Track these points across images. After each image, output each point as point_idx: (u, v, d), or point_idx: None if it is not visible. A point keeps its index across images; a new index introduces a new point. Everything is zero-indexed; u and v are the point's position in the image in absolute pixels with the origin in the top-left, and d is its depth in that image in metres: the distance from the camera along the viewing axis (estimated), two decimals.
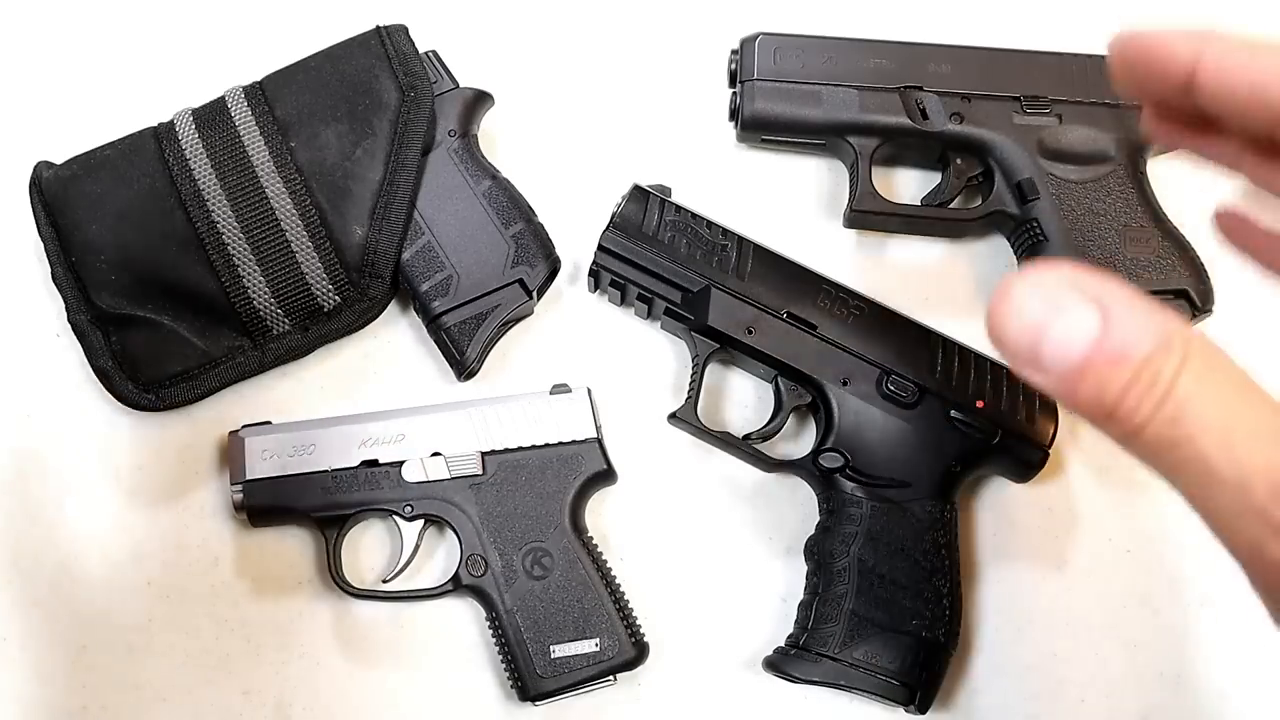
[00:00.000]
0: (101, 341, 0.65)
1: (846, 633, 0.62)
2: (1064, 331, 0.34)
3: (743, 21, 0.72)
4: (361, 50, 0.68)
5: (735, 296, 0.66)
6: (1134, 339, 0.33)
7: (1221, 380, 0.33)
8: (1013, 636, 0.66)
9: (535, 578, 0.64)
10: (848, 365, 0.65)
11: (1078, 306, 0.34)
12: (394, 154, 0.66)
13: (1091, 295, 0.34)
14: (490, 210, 0.67)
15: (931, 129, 0.70)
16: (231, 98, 0.67)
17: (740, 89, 0.71)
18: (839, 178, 0.73)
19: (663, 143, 0.74)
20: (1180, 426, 0.33)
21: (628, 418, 0.69)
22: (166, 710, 0.65)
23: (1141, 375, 0.33)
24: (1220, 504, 0.33)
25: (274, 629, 0.66)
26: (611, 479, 0.66)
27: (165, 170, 0.65)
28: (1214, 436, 0.33)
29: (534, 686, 0.62)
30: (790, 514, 0.68)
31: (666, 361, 0.70)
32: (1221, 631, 0.66)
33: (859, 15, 0.75)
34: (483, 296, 0.67)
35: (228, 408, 0.68)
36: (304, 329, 0.67)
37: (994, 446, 0.64)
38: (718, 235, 0.67)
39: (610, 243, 0.66)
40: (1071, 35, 0.75)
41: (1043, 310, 0.34)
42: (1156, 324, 0.33)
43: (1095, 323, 0.34)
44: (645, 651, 0.64)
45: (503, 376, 0.70)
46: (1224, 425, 0.33)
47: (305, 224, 0.65)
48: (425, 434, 0.65)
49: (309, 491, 0.64)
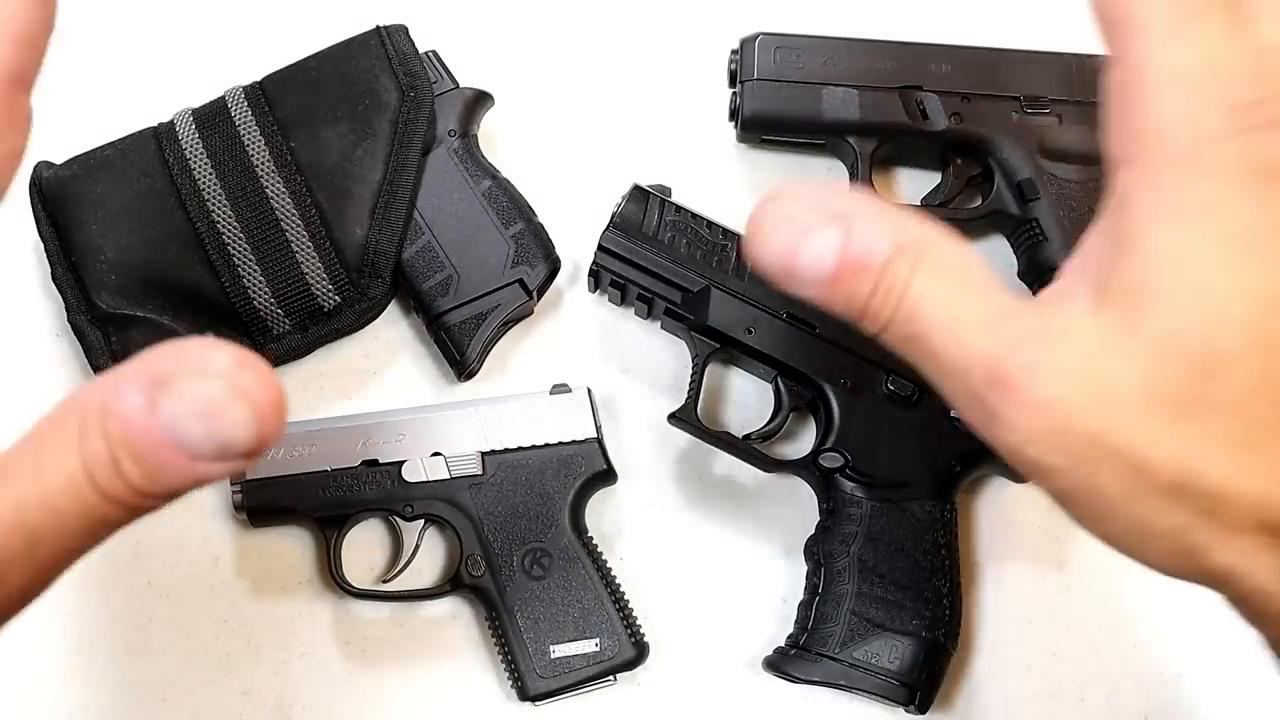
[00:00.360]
0: (101, 341, 0.65)
1: (846, 633, 0.62)
2: (813, 250, 0.37)
3: (743, 21, 0.72)
4: (361, 50, 0.68)
5: (735, 296, 0.66)
6: (873, 248, 0.37)
7: (950, 277, 0.37)
8: (1013, 636, 0.66)
9: (535, 578, 0.64)
10: (848, 365, 0.65)
11: (822, 226, 0.37)
12: (394, 154, 0.66)
13: (834, 212, 0.37)
14: (490, 210, 0.67)
15: (931, 129, 0.70)
16: (231, 98, 0.67)
17: (740, 89, 0.71)
18: (839, 178, 0.73)
19: (663, 143, 0.74)
20: (914, 324, 0.37)
21: (628, 418, 0.69)
22: (166, 710, 0.65)
23: (881, 280, 0.37)
24: (951, 390, 0.38)
25: (274, 629, 0.66)
26: (611, 479, 0.66)
27: (165, 170, 0.65)
28: (941, 330, 0.37)
29: (534, 686, 0.62)
30: (790, 514, 0.68)
31: (666, 361, 0.70)
32: (1223, 631, 0.66)
33: (859, 15, 0.75)
34: (483, 296, 0.67)
35: None
36: (304, 329, 0.67)
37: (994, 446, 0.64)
38: (718, 235, 0.67)
39: (610, 243, 0.66)
40: (1071, 35, 0.74)
41: (791, 233, 0.37)
42: (892, 231, 0.37)
43: (838, 238, 0.37)
44: (645, 651, 0.64)
45: (503, 376, 0.70)
46: (949, 319, 0.37)
47: (305, 224, 0.65)
48: (425, 434, 0.65)
49: (309, 491, 0.64)
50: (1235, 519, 0.36)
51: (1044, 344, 0.36)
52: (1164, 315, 0.36)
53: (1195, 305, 0.35)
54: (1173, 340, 0.36)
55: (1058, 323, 0.37)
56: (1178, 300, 0.35)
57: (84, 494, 0.34)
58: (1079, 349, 0.36)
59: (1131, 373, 0.36)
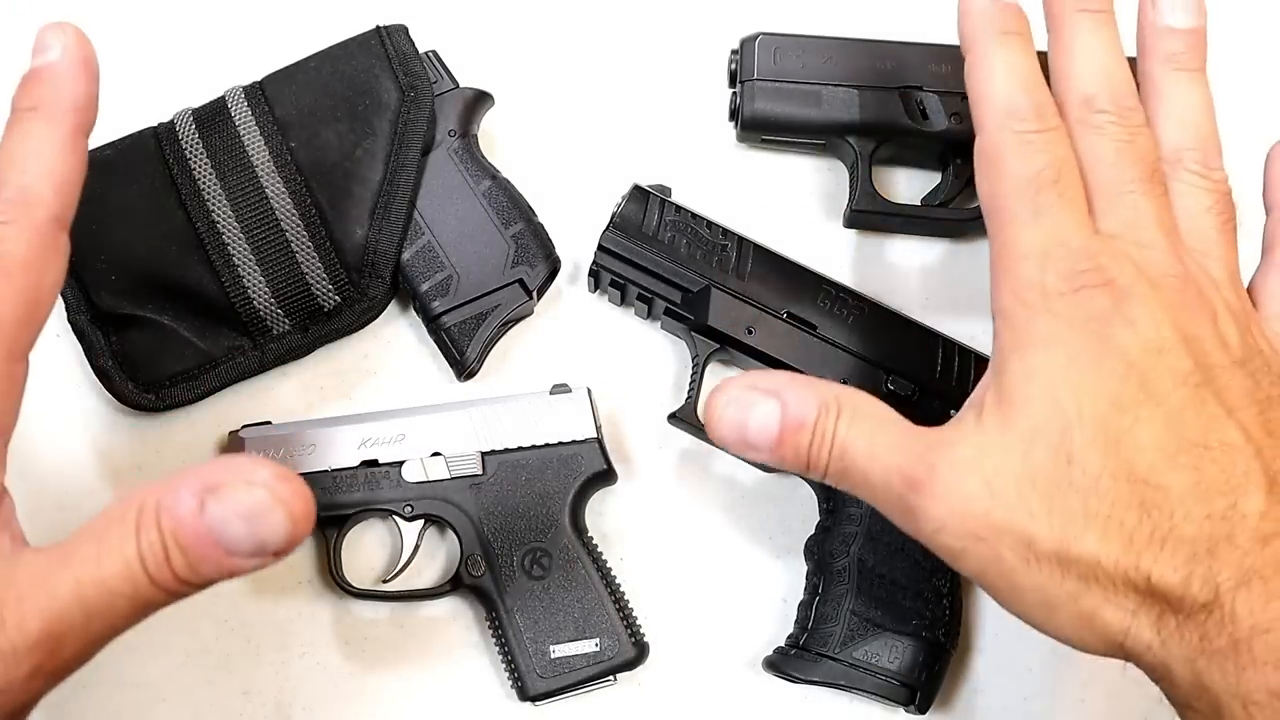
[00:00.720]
0: (101, 341, 0.65)
1: (846, 633, 0.62)
2: (759, 420, 0.48)
3: (743, 21, 0.72)
4: (361, 50, 0.68)
5: (735, 296, 0.66)
6: (804, 410, 0.47)
7: (866, 420, 0.48)
8: (1013, 636, 0.66)
9: (535, 578, 0.64)
10: (848, 365, 0.65)
11: (761, 400, 0.48)
12: (394, 154, 0.66)
13: (768, 389, 0.48)
14: (490, 210, 0.67)
15: (931, 129, 0.70)
16: (231, 98, 0.67)
17: (740, 89, 0.71)
18: (839, 178, 0.73)
19: (663, 143, 0.74)
20: (846, 460, 0.48)
21: (628, 418, 0.69)
22: (166, 710, 0.65)
23: (814, 433, 0.47)
24: (883, 505, 0.48)
25: (274, 629, 0.66)
26: (611, 479, 0.66)
27: (165, 170, 0.65)
28: (866, 459, 0.47)
29: (534, 686, 0.62)
30: (790, 514, 0.68)
31: (666, 361, 0.70)
32: None
33: (859, 15, 0.75)
34: (483, 296, 0.67)
35: (228, 408, 0.68)
36: (304, 329, 0.67)
37: None
38: (718, 235, 0.67)
39: (610, 243, 0.66)
40: None
41: (739, 410, 0.48)
42: (815, 396, 0.48)
43: (776, 407, 0.48)
44: (645, 651, 0.64)
45: (503, 376, 0.70)
46: (870, 450, 0.47)
47: (305, 224, 0.65)
48: (425, 434, 0.65)
49: None
50: (1110, 582, 0.44)
51: (942, 450, 0.46)
52: (1026, 417, 0.46)
53: (1049, 408, 0.46)
54: (1035, 436, 0.45)
55: (951, 434, 0.48)
56: (1034, 405, 0.46)
57: (136, 579, 0.40)
58: (967, 450, 0.46)
59: (1008, 463, 0.45)
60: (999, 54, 0.52)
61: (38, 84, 0.47)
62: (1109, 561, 0.44)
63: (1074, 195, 0.50)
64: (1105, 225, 0.50)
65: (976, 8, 0.54)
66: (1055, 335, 0.47)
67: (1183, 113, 0.53)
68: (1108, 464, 0.45)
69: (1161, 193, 0.51)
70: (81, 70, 0.48)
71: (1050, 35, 0.55)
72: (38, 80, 0.47)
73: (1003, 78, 0.52)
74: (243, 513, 0.39)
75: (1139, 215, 0.50)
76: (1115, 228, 0.50)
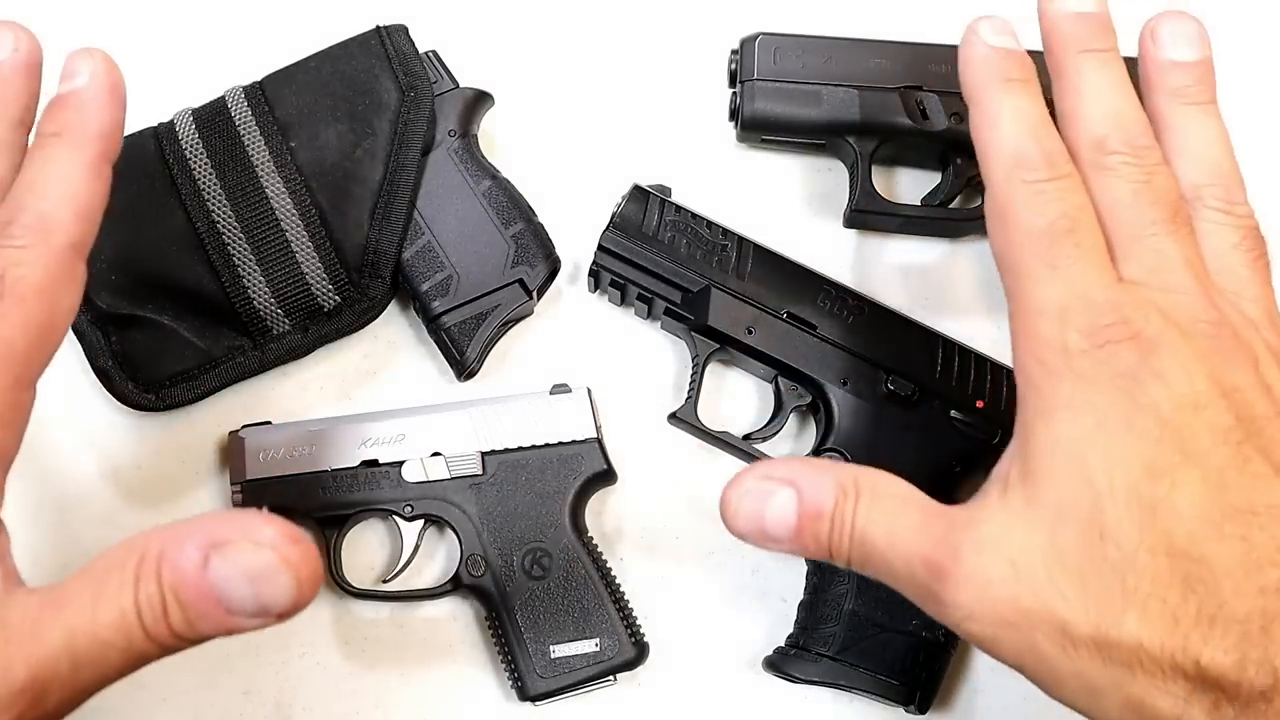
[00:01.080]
0: (101, 341, 0.65)
1: (846, 633, 0.62)
2: (775, 512, 0.45)
3: (743, 21, 0.72)
4: (361, 50, 0.68)
5: (735, 296, 0.66)
6: (821, 497, 0.45)
7: (885, 503, 0.45)
8: None
9: (535, 578, 0.64)
10: (848, 365, 0.65)
11: (776, 490, 0.45)
12: (394, 154, 0.66)
13: (782, 478, 0.45)
14: (490, 210, 0.67)
15: (931, 129, 0.70)
16: (231, 98, 0.67)
17: (740, 89, 0.71)
18: (839, 178, 0.73)
19: (663, 143, 0.74)
20: (867, 546, 0.45)
21: (628, 418, 0.69)
22: (166, 710, 0.65)
23: (833, 520, 0.44)
24: (909, 591, 0.45)
25: (274, 629, 0.66)
26: (611, 479, 0.66)
27: (165, 170, 0.65)
28: (887, 544, 0.44)
29: (534, 686, 0.62)
30: None
31: (666, 361, 0.70)
32: None
33: (859, 15, 0.75)
34: (483, 296, 0.67)
35: (228, 408, 0.68)
36: (304, 329, 0.67)
37: (994, 446, 0.64)
38: (718, 235, 0.67)
39: (610, 243, 0.66)
40: None
41: (753, 503, 0.45)
42: (832, 481, 0.45)
43: (792, 496, 0.45)
44: (645, 651, 0.64)
45: (503, 376, 0.70)
46: (890, 534, 0.44)
47: (305, 224, 0.65)
48: (425, 434, 0.65)
49: (309, 491, 0.64)
50: (1156, 667, 0.40)
51: (965, 531, 0.43)
52: (1053, 490, 0.43)
53: (1077, 479, 0.42)
54: (1063, 510, 0.42)
55: (974, 513, 0.44)
56: (1061, 477, 0.43)
57: (131, 630, 0.38)
58: (991, 529, 0.43)
59: (1035, 541, 0.42)
60: (1005, 101, 0.50)
61: (64, 109, 0.46)
62: (1153, 645, 0.40)
63: (1092, 244, 0.46)
64: (1128, 272, 0.46)
65: (978, 55, 0.51)
66: (1081, 398, 0.43)
67: (1198, 148, 0.50)
68: (1144, 537, 0.41)
69: (1187, 233, 0.47)
70: (109, 97, 0.46)
71: (1055, 79, 0.52)
72: (64, 105, 0.46)
73: (1009, 126, 0.49)
74: (248, 573, 0.38)
75: (1163, 258, 0.46)
76: (1139, 274, 0.46)
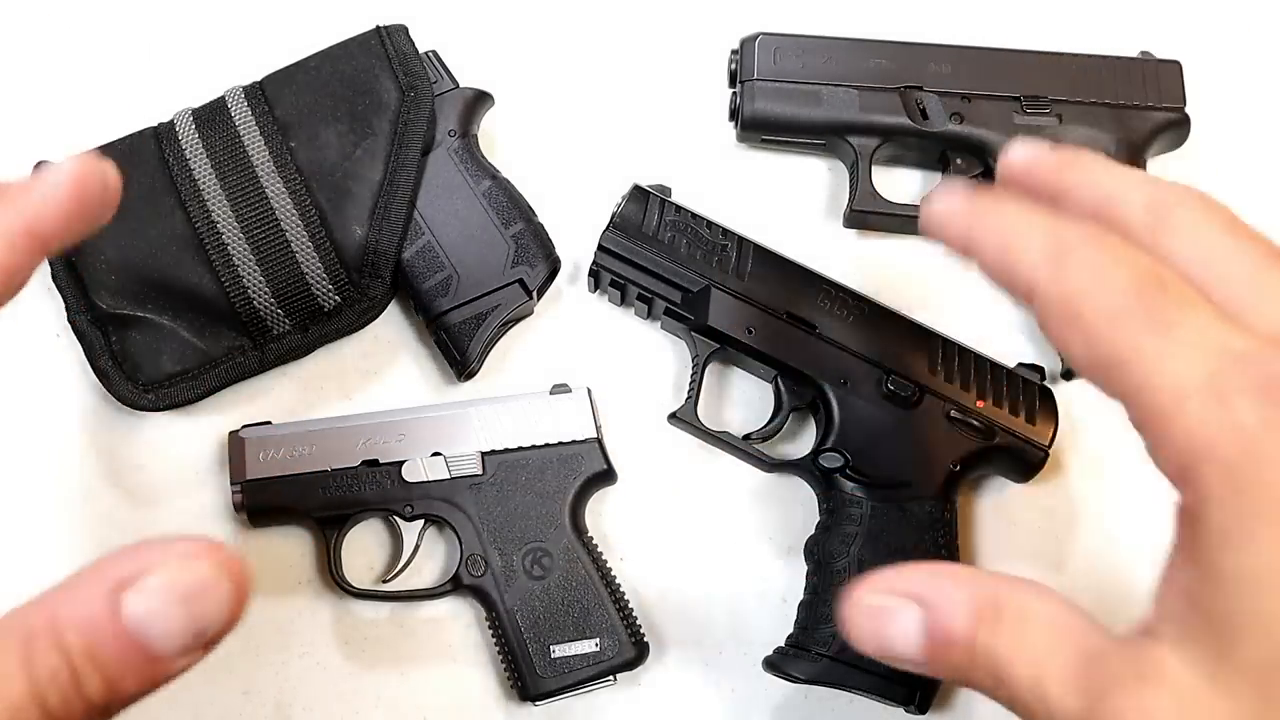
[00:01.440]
0: (101, 341, 0.65)
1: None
2: (899, 633, 0.37)
3: (743, 21, 0.72)
4: (361, 50, 0.68)
5: (735, 296, 0.66)
6: (954, 619, 0.36)
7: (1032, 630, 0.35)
8: None
9: (535, 578, 0.64)
10: (848, 365, 0.65)
11: (901, 608, 0.37)
12: (394, 154, 0.66)
13: (908, 591, 0.37)
14: (490, 210, 0.67)
15: (931, 129, 0.70)
16: (231, 98, 0.67)
17: (740, 89, 0.71)
18: (839, 178, 0.73)
19: (663, 143, 0.74)
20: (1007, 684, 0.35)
21: (628, 418, 0.69)
22: (166, 710, 0.65)
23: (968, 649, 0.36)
24: None
25: (274, 629, 0.66)
26: (611, 479, 0.66)
27: (165, 170, 0.65)
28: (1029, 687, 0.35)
29: (534, 686, 0.62)
30: (790, 514, 0.68)
31: (666, 361, 0.70)
32: None
33: (859, 15, 0.75)
34: (483, 296, 0.67)
35: (228, 408, 0.68)
36: (304, 329, 0.67)
37: (994, 446, 0.64)
38: (718, 235, 0.67)
39: (610, 243, 0.66)
40: (1071, 35, 0.75)
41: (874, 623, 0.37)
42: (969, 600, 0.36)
43: (918, 620, 0.37)
44: (645, 651, 0.64)
45: (503, 376, 0.70)
46: (1034, 676, 0.35)
47: (305, 224, 0.65)
48: (425, 434, 0.65)
49: (309, 491, 0.64)
50: None
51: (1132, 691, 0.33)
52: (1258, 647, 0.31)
53: None
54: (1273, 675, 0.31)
55: (1145, 664, 0.33)
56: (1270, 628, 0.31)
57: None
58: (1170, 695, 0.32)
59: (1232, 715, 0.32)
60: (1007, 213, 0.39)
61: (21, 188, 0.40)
62: None
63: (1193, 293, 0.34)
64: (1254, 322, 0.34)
65: None
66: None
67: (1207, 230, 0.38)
68: None
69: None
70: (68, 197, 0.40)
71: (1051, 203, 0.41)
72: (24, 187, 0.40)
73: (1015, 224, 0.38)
74: (182, 594, 0.32)
75: None
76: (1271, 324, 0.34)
